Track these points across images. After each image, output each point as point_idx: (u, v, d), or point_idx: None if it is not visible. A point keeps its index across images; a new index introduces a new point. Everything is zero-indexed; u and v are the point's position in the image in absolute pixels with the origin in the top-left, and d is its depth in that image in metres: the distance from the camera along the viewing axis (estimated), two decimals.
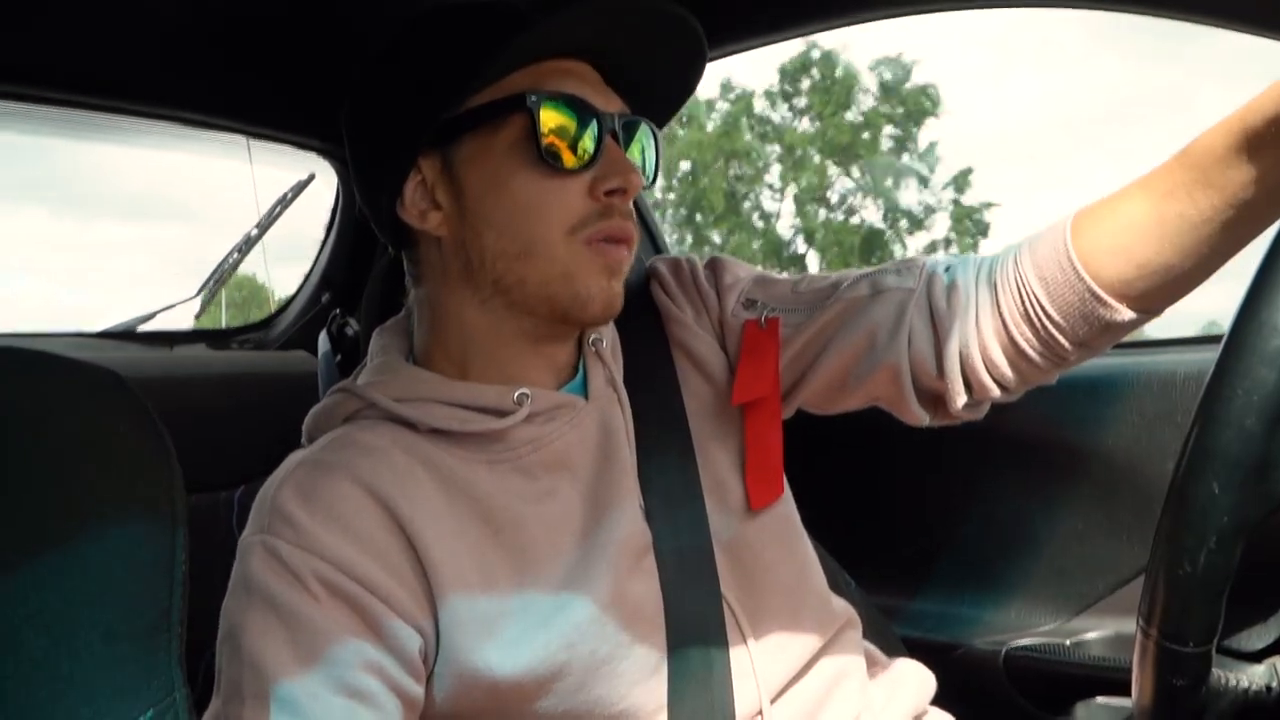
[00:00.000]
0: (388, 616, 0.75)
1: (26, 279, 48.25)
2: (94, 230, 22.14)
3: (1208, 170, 0.74)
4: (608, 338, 0.95)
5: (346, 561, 0.75)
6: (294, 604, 0.74)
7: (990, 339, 0.86)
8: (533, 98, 0.82)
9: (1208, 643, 0.65)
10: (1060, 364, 0.86)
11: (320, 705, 0.71)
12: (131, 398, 0.78)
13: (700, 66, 0.95)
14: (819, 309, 0.94)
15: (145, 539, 0.74)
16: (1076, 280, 0.81)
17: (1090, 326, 0.82)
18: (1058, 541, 1.47)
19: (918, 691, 0.99)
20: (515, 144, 0.83)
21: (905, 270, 0.92)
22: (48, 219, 26.39)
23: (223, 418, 1.30)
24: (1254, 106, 0.71)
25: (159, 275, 39.60)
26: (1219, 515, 0.63)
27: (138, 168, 22.94)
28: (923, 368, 0.89)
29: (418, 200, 0.86)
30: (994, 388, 0.88)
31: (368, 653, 0.74)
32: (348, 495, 0.78)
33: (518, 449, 0.85)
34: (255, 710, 0.72)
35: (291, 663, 0.72)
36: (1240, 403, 0.62)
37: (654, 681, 0.84)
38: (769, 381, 0.93)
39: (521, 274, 0.84)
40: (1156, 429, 1.35)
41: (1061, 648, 1.41)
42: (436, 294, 0.90)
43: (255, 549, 0.76)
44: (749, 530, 0.92)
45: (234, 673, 0.74)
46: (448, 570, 0.78)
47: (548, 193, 0.83)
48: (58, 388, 0.75)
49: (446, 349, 0.89)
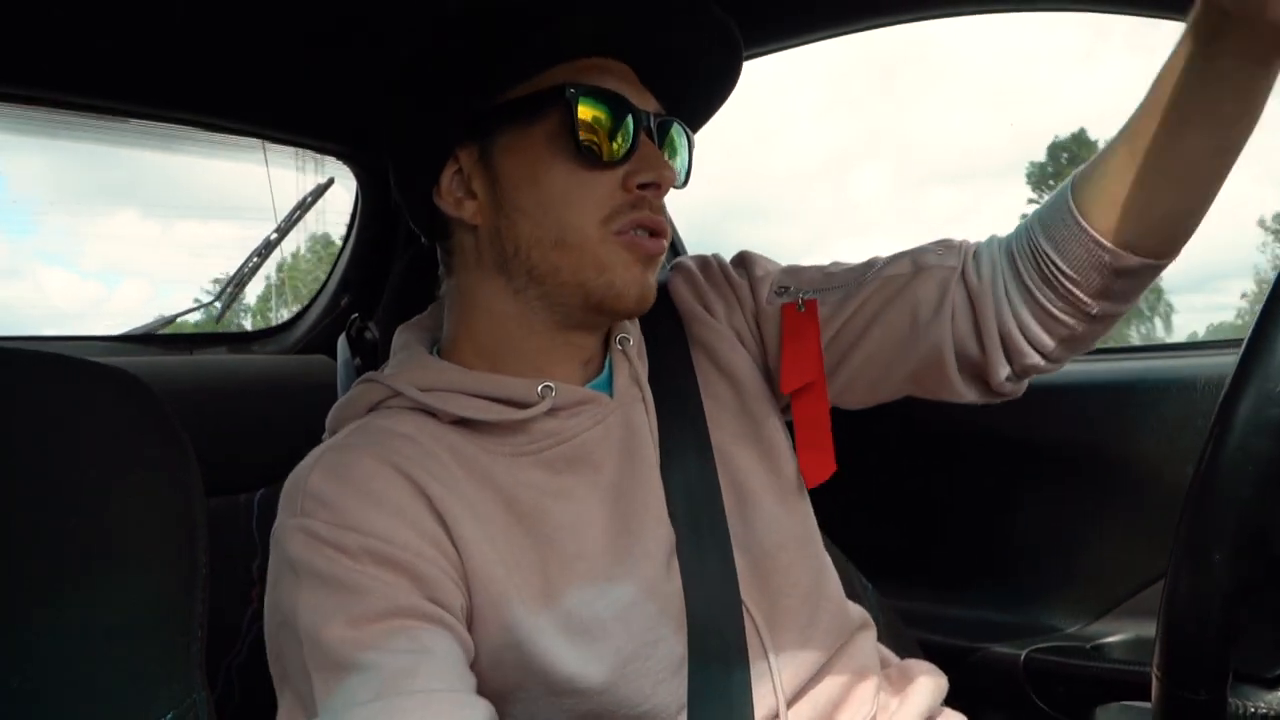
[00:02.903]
0: (432, 571, 0.76)
1: (131, 281, 48.39)
2: (179, 231, 22.51)
3: (1173, 102, 0.75)
4: (634, 337, 0.96)
5: (385, 531, 0.76)
6: (338, 572, 0.74)
7: (1020, 305, 0.88)
8: (571, 90, 0.83)
9: (1219, 690, 0.65)
10: (1089, 320, 0.87)
11: (387, 658, 0.70)
12: (151, 401, 0.79)
13: (736, 72, 0.96)
14: (856, 287, 0.95)
15: (165, 541, 0.75)
16: (1080, 232, 0.82)
17: (1102, 275, 0.83)
18: (1077, 545, 1.47)
19: (930, 692, 0.99)
20: (552, 135, 0.84)
21: (945, 250, 0.93)
22: (138, 220, 26.92)
23: (242, 421, 1.31)
24: (1190, 20, 0.72)
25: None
26: (1221, 580, 0.63)
27: (214, 175, 23.48)
28: (965, 345, 0.90)
29: (454, 189, 0.88)
30: (1033, 354, 0.89)
31: (421, 604, 0.74)
32: (377, 473, 0.79)
33: (540, 442, 0.86)
34: (325, 682, 0.71)
35: (348, 627, 0.72)
36: (1237, 474, 0.62)
37: (675, 682, 0.84)
38: (814, 364, 0.94)
39: (556, 263, 0.85)
40: (1176, 433, 1.34)
41: (1081, 651, 1.40)
42: (469, 283, 0.91)
43: (293, 533, 0.76)
44: (767, 533, 0.92)
45: (295, 655, 0.74)
46: (475, 548, 0.78)
47: (583, 184, 0.84)
48: (78, 391, 0.76)
49: (476, 340, 0.90)
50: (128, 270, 24.87)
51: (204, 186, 24.74)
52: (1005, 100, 76.24)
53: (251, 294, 1.87)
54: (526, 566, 0.81)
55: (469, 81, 0.86)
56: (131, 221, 22.38)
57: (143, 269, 22.42)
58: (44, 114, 1.24)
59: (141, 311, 14.89)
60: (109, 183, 20.60)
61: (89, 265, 34.46)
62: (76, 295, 28.08)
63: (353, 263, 1.69)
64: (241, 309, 2.10)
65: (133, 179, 20.85)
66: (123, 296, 28.68)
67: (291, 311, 1.81)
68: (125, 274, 24.54)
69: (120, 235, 19.61)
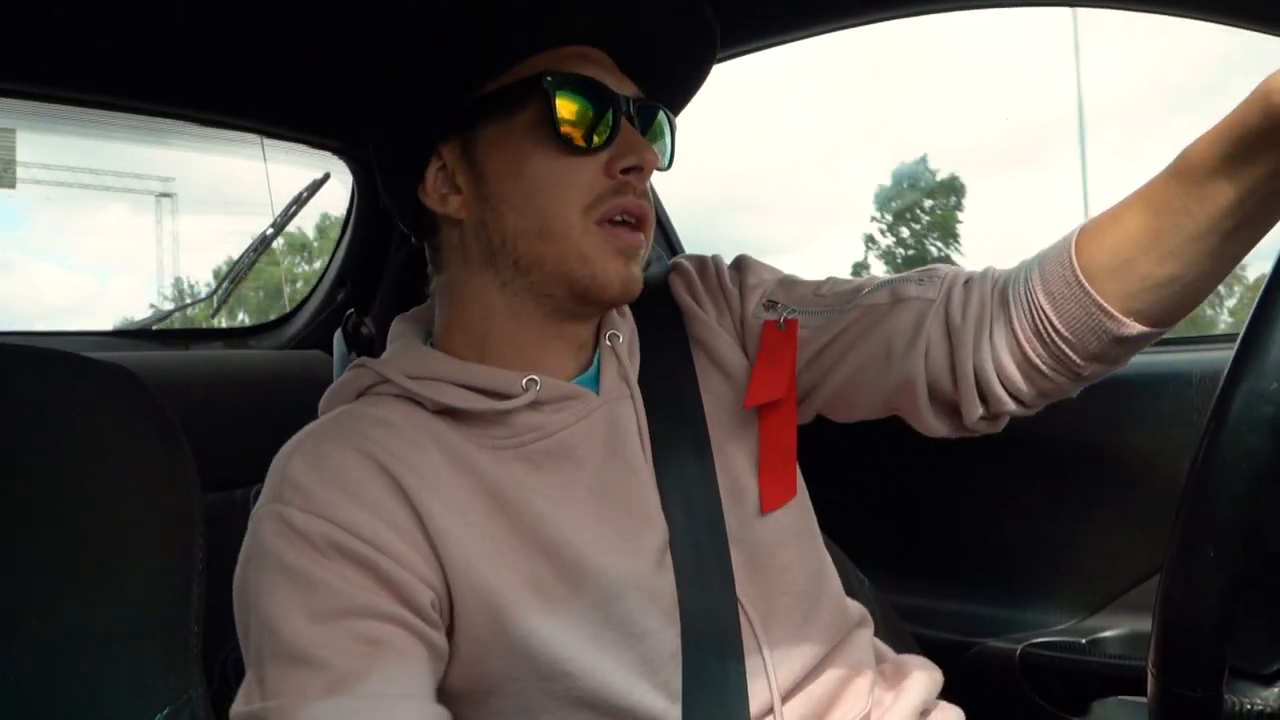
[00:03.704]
0: (398, 571, 0.76)
1: (125, 278, 47.80)
2: (172, 225, 22.12)
3: (1199, 182, 0.73)
4: (625, 334, 0.96)
5: (355, 524, 0.76)
6: (305, 566, 0.74)
7: (1004, 355, 0.86)
8: (548, 79, 0.84)
9: (1215, 687, 0.65)
10: (1076, 379, 0.85)
11: (340, 657, 0.71)
12: (147, 397, 0.79)
13: (713, 54, 0.97)
14: (839, 313, 0.94)
15: (161, 537, 0.75)
16: (1082, 295, 0.80)
17: (1100, 341, 0.81)
18: (1074, 540, 1.47)
19: (925, 687, 0.99)
20: (533, 125, 0.85)
21: (927, 280, 0.92)
22: (129, 214, 26.54)
23: (238, 416, 1.31)
24: (1236, 117, 0.69)
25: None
26: (1216, 576, 0.63)
27: (207, 168, 23.03)
28: (938, 380, 0.89)
29: (439, 185, 0.89)
30: (1009, 402, 0.87)
31: (382, 605, 0.74)
32: (354, 464, 0.79)
33: (521, 435, 0.86)
34: (277, 671, 0.72)
35: (307, 621, 0.72)
36: (1231, 470, 0.62)
37: (668, 674, 0.84)
38: (784, 384, 0.93)
39: (540, 253, 0.86)
40: (1172, 427, 1.34)
41: (1078, 646, 1.41)
42: (458, 278, 0.91)
43: (267, 518, 0.78)
44: (765, 531, 0.92)
45: (255, 639, 0.75)
46: (453, 541, 0.79)
47: (565, 171, 0.85)
48: (74, 387, 0.76)
49: (467, 332, 0.91)
50: (119, 265, 24.50)
51: (201, 180, 24.54)
52: (999, 92, 75.85)
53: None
54: (510, 552, 0.81)
55: (449, 78, 0.87)
56: (122, 215, 22.10)
57: (135, 264, 22.09)
58: (32, 107, 1.24)
59: (133, 306, 14.68)
60: (102, 175, 20.28)
61: (80, 260, 34.22)
62: (68, 289, 27.87)
63: (349, 258, 1.69)
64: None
65: (129, 172, 20.62)
66: (115, 291, 28.40)
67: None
68: (117, 269, 24.22)
69: (112, 229, 19.33)
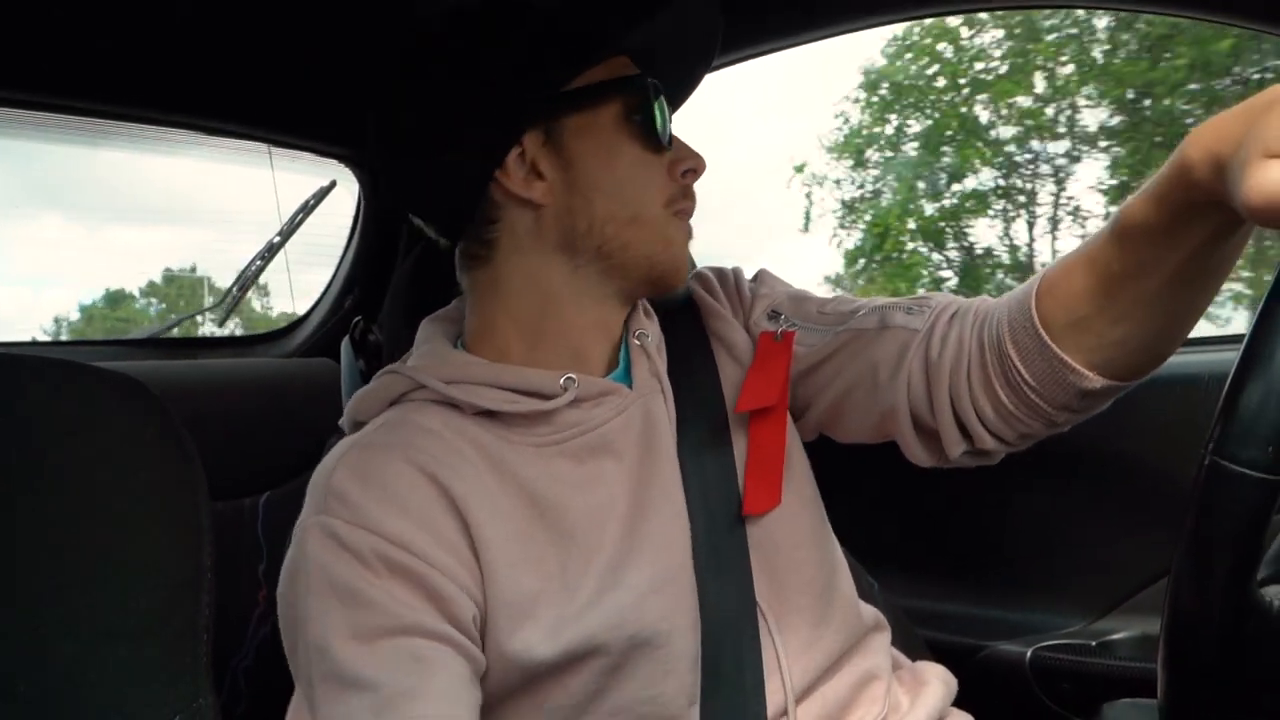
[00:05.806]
0: (447, 587, 0.76)
1: (54, 289, 48.12)
2: (105, 236, 21.60)
3: (1138, 248, 0.71)
4: (653, 333, 0.96)
5: (403, 537, 0.76)
6: (353, 582, 0.74)
7: (980, 397, 0.85)
8: (647, 80, 0.88)
9: (1224, 689, 0.65)
10: (1051, 426, 0.85)
11: (390, 678, 0.71)
12: (155, 405, 0.79)
13: (713, 59, 1.01)
14: (833, 333, 0.95)
15: (170, 546, 0.75)
16: (1045, 349, 0.79)
17: (1065, 393, 0.80)
18: (1083, 542, 1.46)
19: (941, 694, 0.99)
20: (620, 120, 0.88)
21: (916, 310, 0.92)
22: (62, 225, 26.21)
23: (246, 425, 1.31)
24: (1162, 186, 0.68)
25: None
26: (1224, 578, 0.63)
27: (153, 174, 22.71)
28: (920, 413, 0.89)
29: (519, 171, 0.88)
30: (991, 442, 0.87)
31: (430, 623, 0.74)
32: (401, 473, 0.79)
33: (564, 431, 0.86)
34: (328, 692, 0.72)
35: (356, 641, 0.72)
36: (1239, 472, 0.62)
37: (687, 675, 0.84)
38: (776, 391, 0.93)
39: (628, 239, 0.88)
40: (1180, 430, 1.33)
41: (1087, 649, 1.40)
42: (517, 266, 0.90)
43: (312, 531, 0.77)
44: (780, 530, 0.92)
45: (304, 657, 0.74)
46: (496, 550, 0.79)
47: (649, 167, 0.89)
48: (82, 396, 0.76)
49: (518, 323, 0.90)
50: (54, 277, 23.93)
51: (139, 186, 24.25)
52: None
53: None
54: (545, 562, 0.81)
55: (536, 67, 0.88)
56: (58, 225, 21.74)
57: (70, 274, 21.63)
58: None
59: (70, 316, 14.62)
60: (33, 183, 19.71)
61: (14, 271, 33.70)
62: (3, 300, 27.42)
63: (355, 265, 1.70)
64: None
65: (60, 179, 20.18)
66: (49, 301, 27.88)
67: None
68: (51, 280, 23.62)
69: (47, 239, 18.91)
